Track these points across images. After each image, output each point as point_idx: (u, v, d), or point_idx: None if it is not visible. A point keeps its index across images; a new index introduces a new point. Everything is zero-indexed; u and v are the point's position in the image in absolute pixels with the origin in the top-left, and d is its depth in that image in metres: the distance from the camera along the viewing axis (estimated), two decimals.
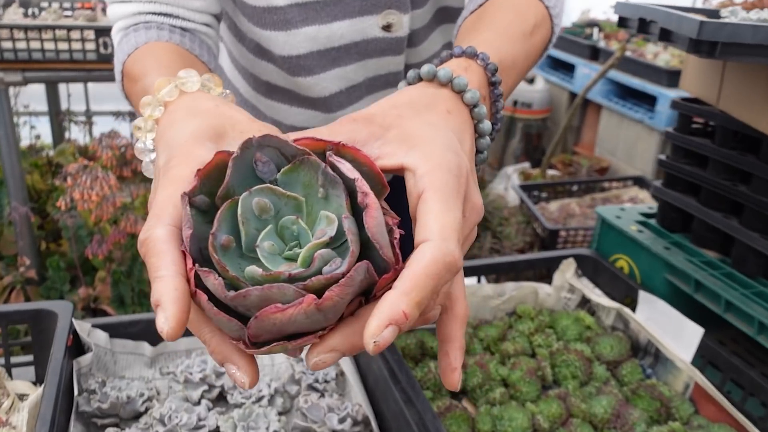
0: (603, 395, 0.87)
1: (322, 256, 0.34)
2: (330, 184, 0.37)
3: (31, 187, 2.52)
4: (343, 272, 0.34)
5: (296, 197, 0.38)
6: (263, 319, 0.33)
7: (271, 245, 0.36)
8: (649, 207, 1.15)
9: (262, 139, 0.38)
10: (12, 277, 2.12)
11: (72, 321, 0.82)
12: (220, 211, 0.37)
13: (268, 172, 0.39)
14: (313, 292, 0.33)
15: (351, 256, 0.34)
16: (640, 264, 1.04)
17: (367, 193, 0.35)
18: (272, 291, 0.33)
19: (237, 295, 0.33)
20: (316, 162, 0.38)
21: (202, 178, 0.38)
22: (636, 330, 0.97)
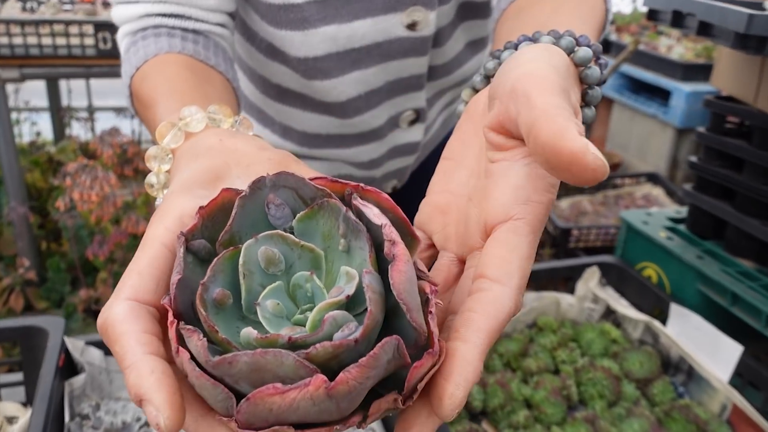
0: (634, 417, 0.81)
1: (334, 319, 0.27)
2: (352, 234, 0.31)
3: (31, 186, 2.47)
4: (356, 338, 0.26)
5: (312, 248, 0.31)
6: (257, 403, 0.26)
7: (276, 305, 0.30)
8: (676, 211, 1.08)
9: (278, 177, 0.32)
10: (11, 279, 2.07)
11: (63, 339, 0.76)
12: (217, 259, 0.30)
13: (282, 217, 0.32)
14: (319, 364, 0.26)
15: (368, 319, 0.27)
16: (670, 273, 0.97)
17: (395, 241, 0.28)
18: (266, 358, 0.26)
19: (221, 361, 0.26)
20: (337, 206, 0.31)
21: (204, 218, 0.32)
22: (667, 345, 0.91)
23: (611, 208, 2.79)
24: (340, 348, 0.26)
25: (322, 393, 0.26)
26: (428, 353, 0.28)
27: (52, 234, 2.43)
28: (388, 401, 0.28)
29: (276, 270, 0.31)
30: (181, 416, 0.28)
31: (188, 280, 0.30)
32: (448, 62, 0.77)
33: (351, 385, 0.26)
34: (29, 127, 2.85)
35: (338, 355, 0.27)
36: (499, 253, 0.32)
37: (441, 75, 0.77)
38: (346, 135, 0.77)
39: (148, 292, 0.31)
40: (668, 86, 2.81)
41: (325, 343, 0.26)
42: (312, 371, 0.26)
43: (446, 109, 0.87)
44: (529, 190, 0.34)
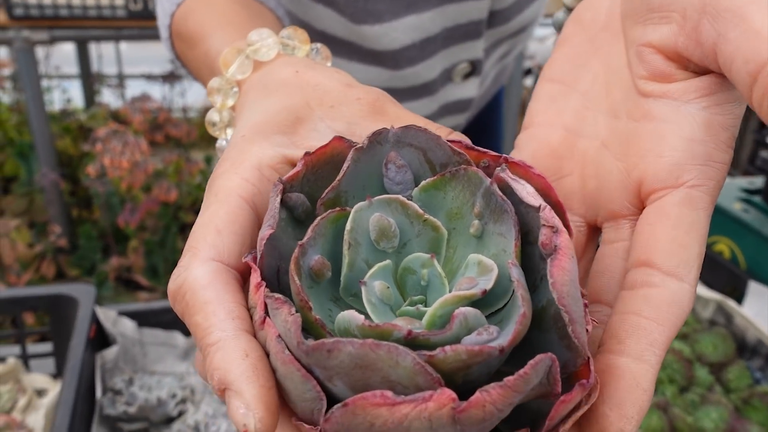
0: (711, 405, 0.73)
1: (465, 318, 0.20)
2: (492, 215, 0.23)
3: (62, 153, 2.44)
4: (502, 347, 0.19)
5: (438, 226, 0.24)
6: (357, 413, 0.19)
7: (386, 288, 0.23)
8: (749, 182, 1.00)
9: (404, 132, 0.25)
10: (43, 246, 2.05)
11: (94, 309, 0.71)
12: (321, 218, 0.24)
13: (403, 183, 0.25)
14: (444, 374, 0.19)
15: (520, 323, 0.20)
16: (746, 249, 0.89)
17: (558, 229, 0.21)
18: (377, 353, 0.19)
19: (319, 346, 0.20)
20: (478, 177, 0.24)
21: (309, 168, 0.25)
22: (742, 326, 0.83)
23: None
24: (478, 356, 0.19)
25: (446, 415, 0.19)
26: (580, 385, 0.21)
27: (83, 201, 2.40)
28: None
29: (388, 246, 0.24)
30: (274, 420, 0.21)
31: (277, 239, 0.24)
32: (508, 7, 0.69)
33: (488, 410, 0.19)
34: (60, 95, 2.82)
35: (471, 366, 0.20)
36: (672, 234, 0.24)
37: (500, 22, 0.70)
38: (395, 89, 0.70)
39: (233, 254, 0.24)
40: None
41: (458, 347, 0.19)
42: (435, 382, 0.19)
43: (500, 62, 0.79)
44: (710, 146, 0.25)
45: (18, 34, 1.77)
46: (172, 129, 2.14)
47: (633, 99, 0.27)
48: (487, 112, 0.90)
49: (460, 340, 0.20)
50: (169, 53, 0.52)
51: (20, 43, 1.78)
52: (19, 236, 2.02)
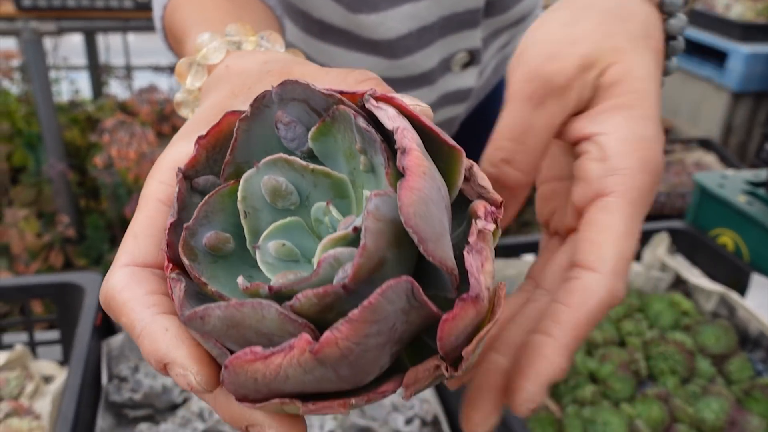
0: (712, 396, 0.74)
1: (335, 259, 0.21)
2: (370, 147, 0.23)
3: (70, 144, 2.45)
4: (344, 284, 0.20)
5: (328, 173, 0.25)
6: (237, 372, 0.20)
7: (281, 246, 0.24)
8: (754, 175, 0.99)
9: (282, 89, 0.25)
10: (51, 236, 2.06)
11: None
12: (209, 197, 0.25)
13: (296, 138, 0.26)
14: (311, 318, 0.20)
15: (360, 256, 0.20)
16: (750, 241, 0.89)
17: (407, 149, 0.21)
18: (242, 311, 0.20)
19: (192, 316, 0.21)
20: (347, 115, 0.24)
21: (207, 150, 0.26)
22: (744, 318, 0.83)
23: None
24: (326, 297, 0.20)
25: (310, 358, 0.19)
26: (461, 300, 0.21)
27: (91, 192, 2.42)
28: (428, 368, 0.22)
29: (287, 204, 0.25)
30: (211, 371, 0.23)
31: (183, 221, 0.25)
32: None
33: (343, 346, 0.19)
34: (68, 86, 2.83)
35: (331, 306, 0.20)
36: (589, 236, 0.29)
37: (498, 11, 0.70)
38: (393, 79, 0.70)
39: (149, 254, 0.26)
40: (725, 47, 2.66)
41: (308, 292, 0.20)
42: (300, 327, 0.20)
43: (500, 53, 0.79)
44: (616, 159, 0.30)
45: (26, 25, 1.78)
46: (179, 120, 2.14)
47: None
48: (488, 102, 0.90)
49: (332, 282, 0.21)
50: (164, 45, 0.52)
51: (28, 34, 1.79)
52: (27, 226, 2.03)
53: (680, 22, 0.35)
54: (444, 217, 0.22)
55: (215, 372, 0.23)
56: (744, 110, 2.79)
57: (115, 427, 0.67)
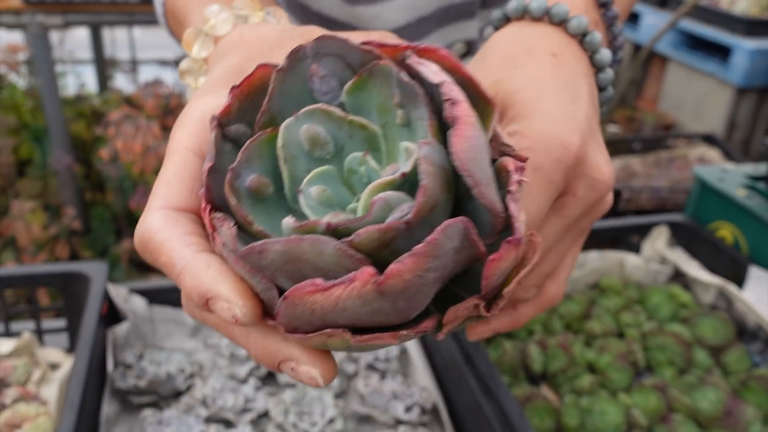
0: (708, 387, 0.75)
1: (386, 202, 0.22)
2: (409, 101, 0.25)
3: (75, 137, 2.47)
4: (408, 220, 0.21)
5: (365, 124, 0.26)
6: (296, 303, 0.21)
7: (323, 191, 0.25)
8: (755, 168, 1.00)
9: (319, 44, 0.26)
10: (57, 228, 2.08)
11: (107, 286, 0.73)
12: (250, 141, 0.25)
13: (330, 92, 0.27)
14: (368, 254, 0.21)
15: (422, 195, 0.21)
16: (748, 234, 0.90)
17: (455, 101, 0.22)
18: (301, 246, 0.21)
19: (250, 250, 0.22)
20: (389, 69, 0.25)
21: (241, 100, 0.27)
22: (742, 311, 0.84)
23: (663, 169, 2.67)
24: (388, 232, 0.21)
25: (371, 290, 0.20)
26: (507, 242, 0.22)
27: (97, 185, 2.43)
28: (468, 307, 0.23)
29: (323, 153, 0.26)
30: (256, 303, 0.23)
31: (221, 171, 0.25)
32: None
33: (406, 279, 0.20)
34: (74, 79, 2.84)
35: (388, 243, 0.21)
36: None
37: (494, 2, 0.71)
38: None
39: (183, 199, 0.27)
40: (729, 43, 2.66)
41: (370, 228, 0.21)
42: (358, 262, 0.21)
43: None
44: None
45: (32, 18, 1.79)
46: None
47: None
48: None
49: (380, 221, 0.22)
50: (165, 30, 0.53)
51: (34, 27, 1.80)
52: (33, 218, 2.05)
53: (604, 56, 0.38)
54: (489, 165, 0.23)
55: (259, 306, 0.24)
56: (748, 105, 2.79)
57: (120, 413, 0.68)
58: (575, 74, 0.36)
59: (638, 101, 3.34)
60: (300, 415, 0.67)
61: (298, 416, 0.67)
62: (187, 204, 0.27)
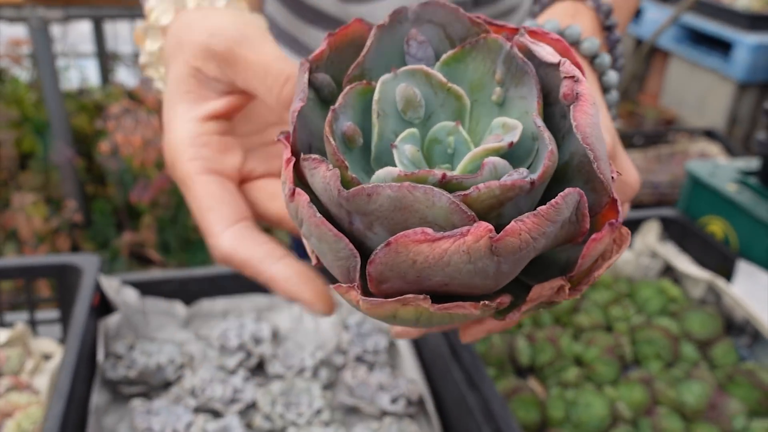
0: (694, 380, 0.75)
1: (495, 166, 0.21)
2: (513, 80, 0.24)
3: (78, 131, 2.48)
4: (533, 180, 0.21)
5: (461, 95, 0.25)
6: (399, 251, 0.20)
7: (415, 151, 0.24)
8: (746, 163, 1.00)
9: (423, 9, 0.26)
10: (59, 220, 2.09)
11: (98, 278, 0.74)
12: (349, 88, 0.25)
13: (424, 59, 0.26)
14: (482, 215, 0.21)
15: (548, 159, 0.21)
16: (738, 229, 0.90)
17: (579, 79, 0.22)
18: (414, 194, 0.20)
19: (358, 191, 0.21)
20: (498, 43, 0.24)
21: (332, 49, 0.26)
22: (730, 305, 0.85)
23: (664, 164, 2.67)
24: (511, 191, 0.20)
25: (484, 246, 0.20)
26: (610, 224, 0.21)
27: (98, 178, 2.44)
28: (553, 287, 0.22)
29: (414, 116, 0.25)
30: (330, 302, 0.31)
31: (307, 116, 0.25)
32: None
33: (523, 239, 0.20)
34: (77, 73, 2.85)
35: (504, 203, 0.21)
36: None
37: (487, 2, 0.71)
38: None
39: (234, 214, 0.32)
40: (731, 38, 2.65)
41: (492, 183, 0.20)
42: (470, 219, 0.20)
43: None
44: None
45: (33, 12, 1.80)
46: None
47: None
48: None
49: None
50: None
51: (35, 21, 1.81)
52: (35, 211, 2.06)
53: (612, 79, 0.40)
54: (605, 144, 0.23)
55: (331, 302, 0.30)
56: (749, 101, 2.78)
57: (110, 403, 0.69)
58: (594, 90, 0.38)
59: (640, 96, 3.34)
60: (287, 406, 0.68)
61: (285, 407, 0.68)
62: (238, 216, 0.32)
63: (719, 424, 0.71)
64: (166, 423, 0.65)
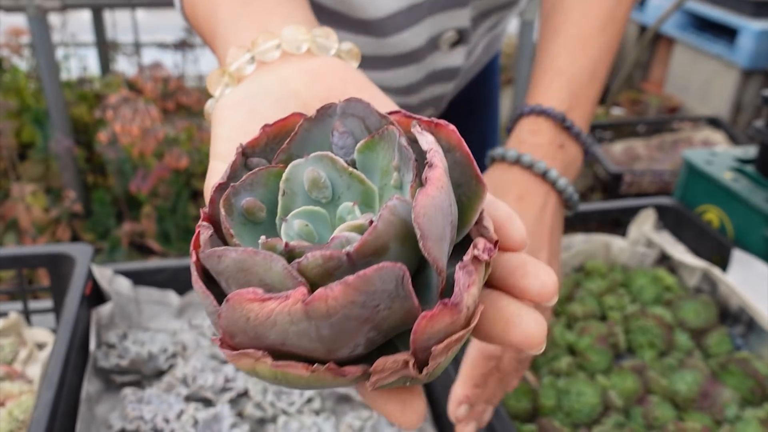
0: (686, 369, 0.75)
1: (345, 238, 0.23)
2: (405, 166, 0.26)
3: (77, 120, 2.48)
4: (348, 251, 0.22)
5: (363, 180, 0.27)
6: (235, 307, 0.22)
7: (304, 226, 0.26)
8: (744, 152, 0.99)
9: (347, 104, 0.29)
10: (59, 210, 2.10)
11: (91, 267, 0.74)
12: (260, 169, 0.28)
13: (345, 147, 0.29)
14: (312, 281, 0.23)
15: (368, 233, 0.22)
16: (734, 217, 0.90)
17: (434, 165, 0.24)
18: (254, 258, 0.22)
19: (211, 253, 0.23)
20: (393, 134, 0.27)
21: (269, 137, 0.29)
22: (725, 294, 0.84)
23: (667, 153, 2.66)
24: (330, 260, 0.22)
25: (300, 309, 0.21)
26: (443, 304, 0.22)
27: (98, 168, 2.45)
28: (397, 361, 0.23)
29: (320, 196, 0.27)
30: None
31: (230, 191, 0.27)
32: None
33: (330, 305, 0.21)
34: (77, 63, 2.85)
35: (331, 272, 0.23)
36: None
37: None
38: (383, 57, 0.71)
39: None
40: (736, 24, 2.63)
41: (316, 252, 0.22)
42: (299, 284, 0.22)
43: (490, 33, 0.80)
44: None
45: (30, 1, 1.79)
46: (184, 97, 2.16)
47: None
48: (481, 80, 0.91)
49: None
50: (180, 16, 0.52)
51: (33, 10, 1.80)
52: (35, 201, 2.06)
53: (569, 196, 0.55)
54: (447, 229, 0.24)
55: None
56: (754, 88, 2.76)
57: (103, 391, 0.70)
58: (537, 208, 0.53)
59: (644, 84, 3.32)
60: (278, 395, 0.68)
61: (276, 396, 0.68)
62: None
63: (711, 413, 0.71)
64: (157, 411, 0.65)
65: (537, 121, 0.55)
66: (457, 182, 0.27)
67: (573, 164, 0.56)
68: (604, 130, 2.65)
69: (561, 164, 0.55)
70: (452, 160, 0.27)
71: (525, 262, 0.27)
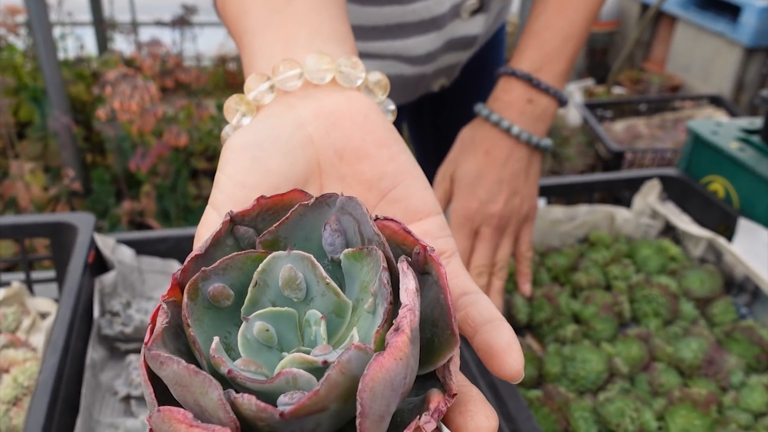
0: (692, 337, 0.75)
1: (293, 377, 0.22)
2: (380, 297, 0.25)
3: (75, 99, 2.46)
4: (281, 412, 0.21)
5: (339, 293, 0.26)
6: (165, 419, 0.22)
7: (265, 330, 0.25)
8: (750, 122, 0.99)
9: (348, 202, 0.27)
10: (58, 189, 2.09)
11: (94, 236, 0.74)
12: (236, 254, 0.26)
13: (334, 245, 0.28)
14: (243, 419, 0.22)
15: (307, 398, 0.21)
16: (740, 188, 0.89)
17: (401, 330, 0.22)
18: (193, 379, 0.21)
19: (155, 356, 0.22)
20: (378, 261, 0.25)
21: (262, 209, 0.28)
22: (731, 263, 0.84)
23: (669, 131, 2.65)
24: (263, 413, 0.21)
25: None
26: None
27: (97, 147, 2.43)
28: None
29: (293, 295, 0.26)
30: None
31: (207, 261, 0.26)
32: None
33: None
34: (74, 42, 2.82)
35: (265, 421, 0.22)
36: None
37: None
38: (406, 24, 0.71)
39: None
40: (739, 1, 2.61)
41: (252, 398, 0.21)
42: (231, 421, 0.21)
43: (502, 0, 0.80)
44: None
45: None
46: (182, 74, 2.14)
47: None
48: (488, 49, 0.90)
49: (273, 395, 0.22)
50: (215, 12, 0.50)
51: None
52: (33, 179, 2.06)
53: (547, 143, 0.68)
54: (394, 403, 0.23)
55: None
56: (756, 66, 2.75)
57: (107, 359, 0.69)
58: (504, 161, 0.66)
59: (646, 63, 3.30)
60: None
61: None
62: None
63: (716, 380, 0.71)
64: None
65: (509, 81, 0.66)
66: (434, 322, 0.26)
67: (544, 114, 0.66)
68: (606, 109, 2.63)
69: (530, 116, 0.65)
70: (435, 297, 0.25)
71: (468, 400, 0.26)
